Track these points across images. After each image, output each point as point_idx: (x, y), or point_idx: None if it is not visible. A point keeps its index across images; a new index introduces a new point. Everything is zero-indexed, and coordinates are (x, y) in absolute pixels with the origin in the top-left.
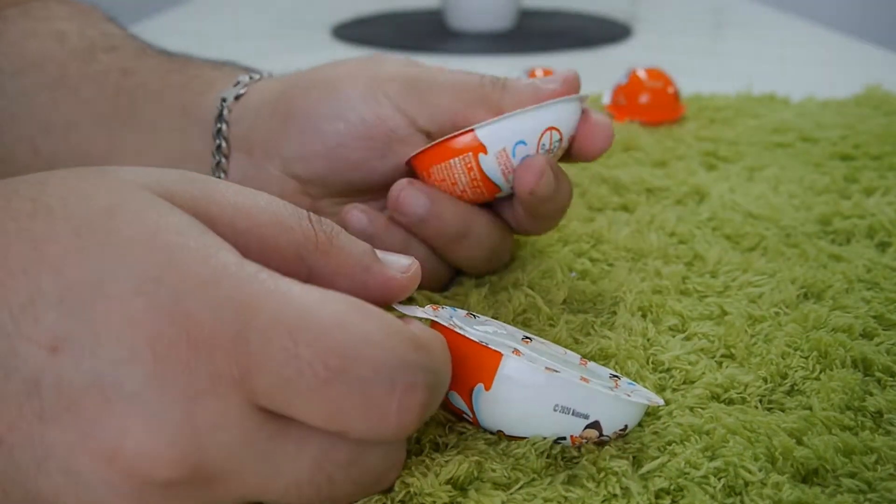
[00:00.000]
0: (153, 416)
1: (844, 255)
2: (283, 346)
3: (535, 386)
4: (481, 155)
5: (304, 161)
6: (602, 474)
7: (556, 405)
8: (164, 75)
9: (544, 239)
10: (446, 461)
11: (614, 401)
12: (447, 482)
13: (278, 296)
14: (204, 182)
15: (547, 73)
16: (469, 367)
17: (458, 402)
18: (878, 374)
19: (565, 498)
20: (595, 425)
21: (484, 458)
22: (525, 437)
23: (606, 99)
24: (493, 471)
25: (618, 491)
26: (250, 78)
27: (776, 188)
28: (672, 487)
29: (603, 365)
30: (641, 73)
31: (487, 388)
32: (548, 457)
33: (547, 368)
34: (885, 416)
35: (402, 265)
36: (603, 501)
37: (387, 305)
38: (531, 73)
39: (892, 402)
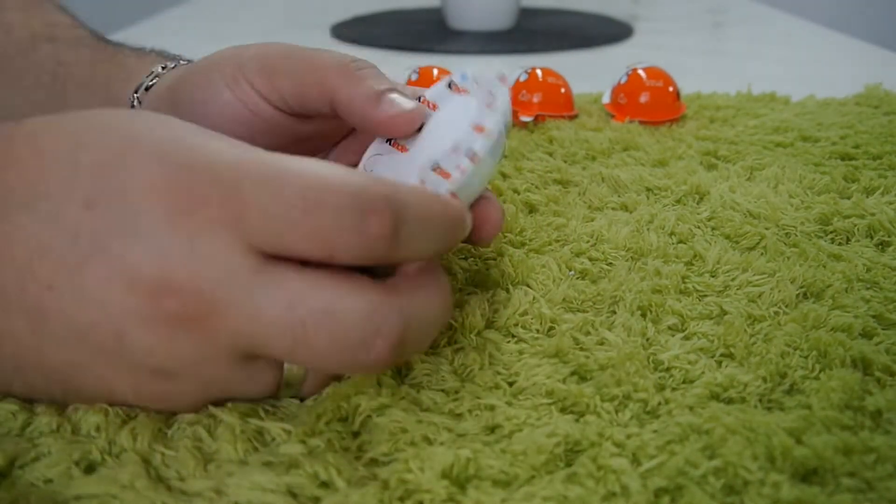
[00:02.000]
0: (162, 249)
1: (844, 255)
2: (272, 190)
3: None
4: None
5: None
6: (601, 472)
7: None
8: (94, 65)
9: (544, 238)
10: (442, 454)
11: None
12: (444, 476)
13: (269, 156)
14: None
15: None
16: None
17: None
18: (877, 373)
19: (565, 497)
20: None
21: (482, 454)
22: None
23: (606, 98)
24: (492, 468)
25: (617, 489)
26: (163, 68)
27: (776, 188)
28: (671, 486)
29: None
30: (641, 73)
31: None
32: (547, 454)
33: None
34: (884, 415)
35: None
36: (602, 500)
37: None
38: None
39: (891, 401)
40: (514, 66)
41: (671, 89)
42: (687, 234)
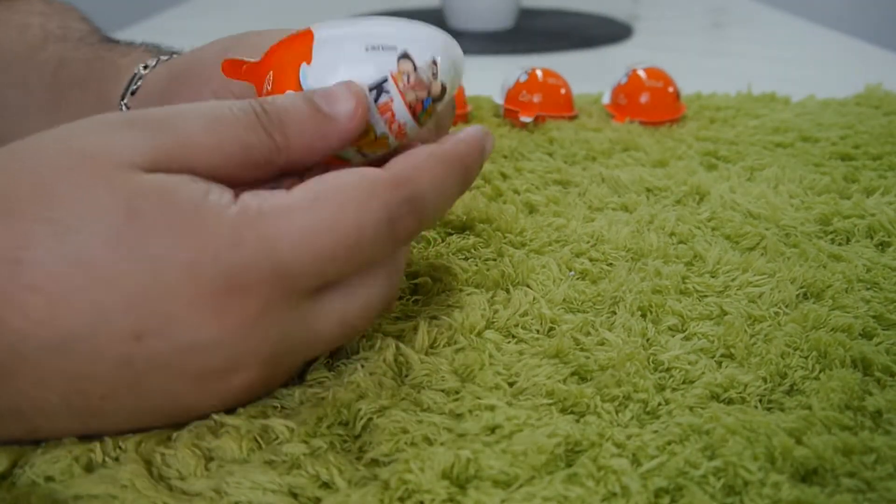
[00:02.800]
0: (228, 350)
1: (844, 255)
2: (311, 256)
3: (345, 36)
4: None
5: None
6: (602, 472)
7: (367, 46)
8: (91, 63)
9: (544, 238)
10: (442, 454)
11: (412, 29)
12: (444, 477)
13: (285, 220)
14: (174, 131)
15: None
16: (289, 57)
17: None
18: (877, 373)
19: (565, 497)
20: (406, 56)
21: (482, 455)
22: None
23: (606, 99)
24: (492, 468)
25: (617, 489)
26: (145, 67)
27: (776, 188)
28: (671, 486)
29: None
30: (641, 73)
31: (309, 61)
32: (547, 454)
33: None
34: (884, 415)
35: (348, 111)
36: (602, 500)
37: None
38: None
39: (891, 401)
40: (514, 67)
41: (671, 90)
42: (687, 235)
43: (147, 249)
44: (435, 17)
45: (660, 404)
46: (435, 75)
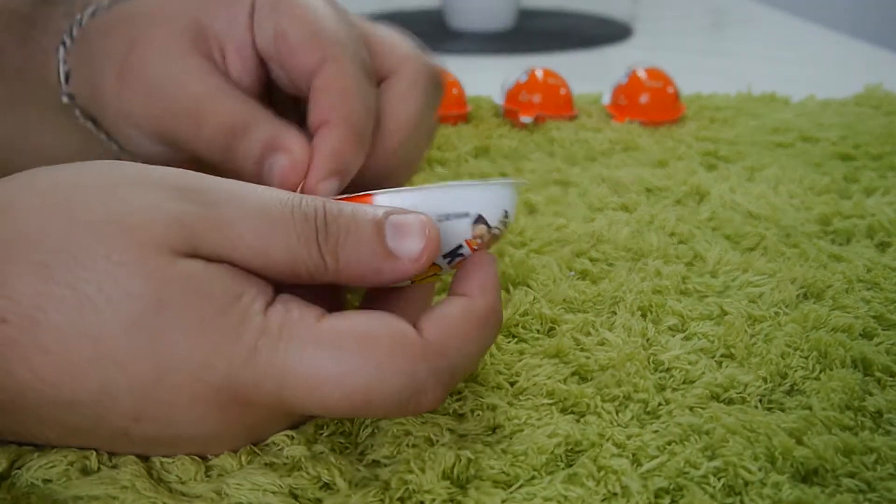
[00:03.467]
0: (223, 442)
1: (844, 255)
2: (313, 400)
3: (413, 207)
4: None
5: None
6: (602, 473)
7: (438, 217)
8: (21, 48)
9: (544, 239)
10: (443, 454)
11: (482, 190)
12: (445, 477)
13: (300, 355)
14: (216, 213)
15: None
16: None
17: None
18: (877, 374)
19: (565, 497)
20: (479, 220)
21: (483, 455)
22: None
23: (606, 99)
24: (492, 468)
25: (618, 489)
26: (63, 44)
27: (776, 188)
28: (672, 487)
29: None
30: (641, 73)
31: None
32: (548, 454)
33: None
34: (884, 415)
35: (413, 253)
36: (603, 500)
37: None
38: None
39: (891, 401)
40: (514, 67)
41: (671, 90)
42: (687, 235)
43: (164, 343)
44: (435, 17)
45: (660, 404)
46: (506, 225)
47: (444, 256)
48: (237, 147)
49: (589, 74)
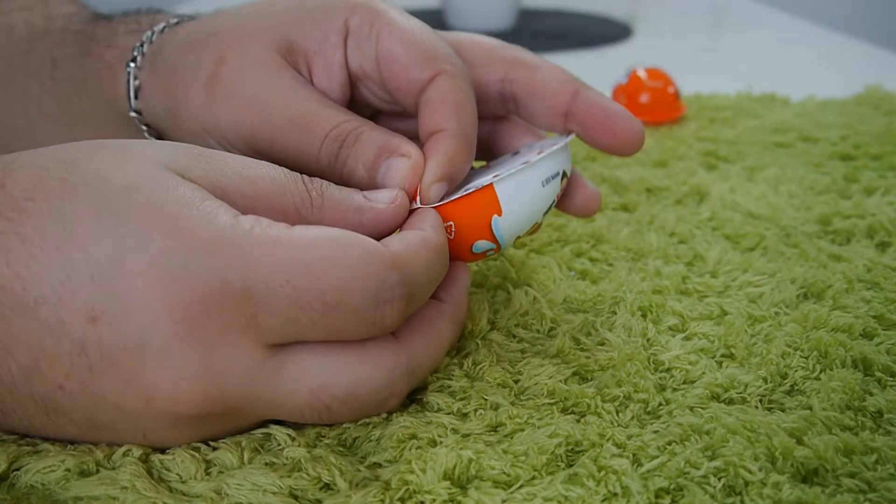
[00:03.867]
0: (177, 367)
1: (844, 255)
2: (286, 294)
3: (527, 180)
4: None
5: (224, 139)
6: (602, 473)
7: (542, 181)
8: (81, 61)
9: (544, 239)
10: (444, 455)
11: (565, 149)
12: (445, 478)
13: (272, 248)
14: (211, 156)
15: None
16: (475, 212)
17: (483, 245)
18: (878, 374)
19: (565, 497)
20: (564, 176)
21: (483, 455)
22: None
23: None
24: (493, 468)
25: (618, 490)
26: (133, 61)
27: (776, 188)
28: (672, 487)
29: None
30: (641, 73)
31: (500, 213)
32: (548, 454)
33: (522, 164)
34: (885, 416)
35: (387, 197)
36: (603, 500)
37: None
38: None
39: (892, 402)
40: None
41: (671, 90)
42: (687, 235)
43: (128, 225)
44: (435, 17)
45: (660, 404)
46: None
47: (544, 214)
48: (348, 154)
49: (589, 74)
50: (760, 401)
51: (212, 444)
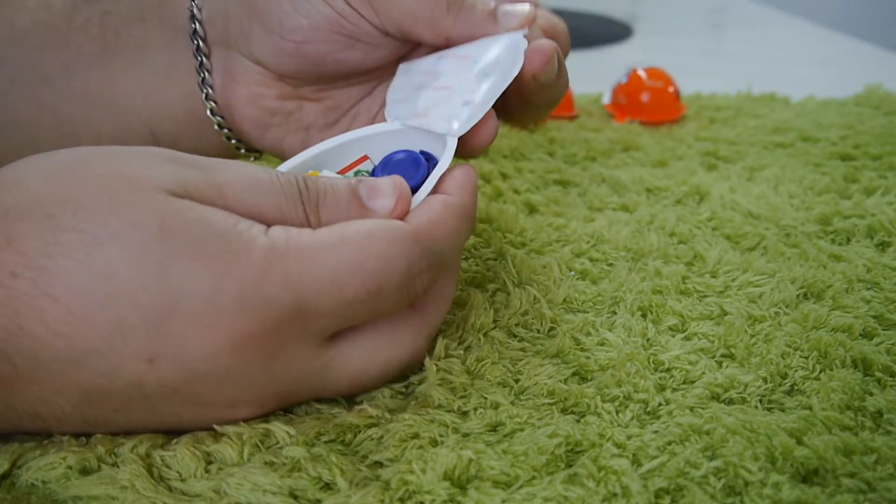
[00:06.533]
0: (239, 381)
1: (844, 255)
2: (332, 295)
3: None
4: None
5: (275, 58)
6: (602, 473)
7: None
8: (140, 1)
9: (544, 239)
10: (444, 455)
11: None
12: (445, 478)
13: (311, 256)
14: (212, 175)
15: None
16: None
17: None
18: (878, 374)
19: (565, 497)
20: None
21: (483, 455)
22: None
23: (606, 98)
24: (493, 468)
25: (618, 490)
26: None
27: (776, 188)
28: (672, 487)
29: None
30: (641, 73)
31: None
32: (548, 454)
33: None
34: (885, 416)
35: (386, 209)
36: (603, 500)
37: None
38: None
39: (892, 402)
40: None
41: (671, 90)
42: (687, 235)
43: (172, 270)
44: None
45: (660, 404)
46: None
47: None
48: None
49: (589, 74)
50: (760, 401)
51: (216, 429)
